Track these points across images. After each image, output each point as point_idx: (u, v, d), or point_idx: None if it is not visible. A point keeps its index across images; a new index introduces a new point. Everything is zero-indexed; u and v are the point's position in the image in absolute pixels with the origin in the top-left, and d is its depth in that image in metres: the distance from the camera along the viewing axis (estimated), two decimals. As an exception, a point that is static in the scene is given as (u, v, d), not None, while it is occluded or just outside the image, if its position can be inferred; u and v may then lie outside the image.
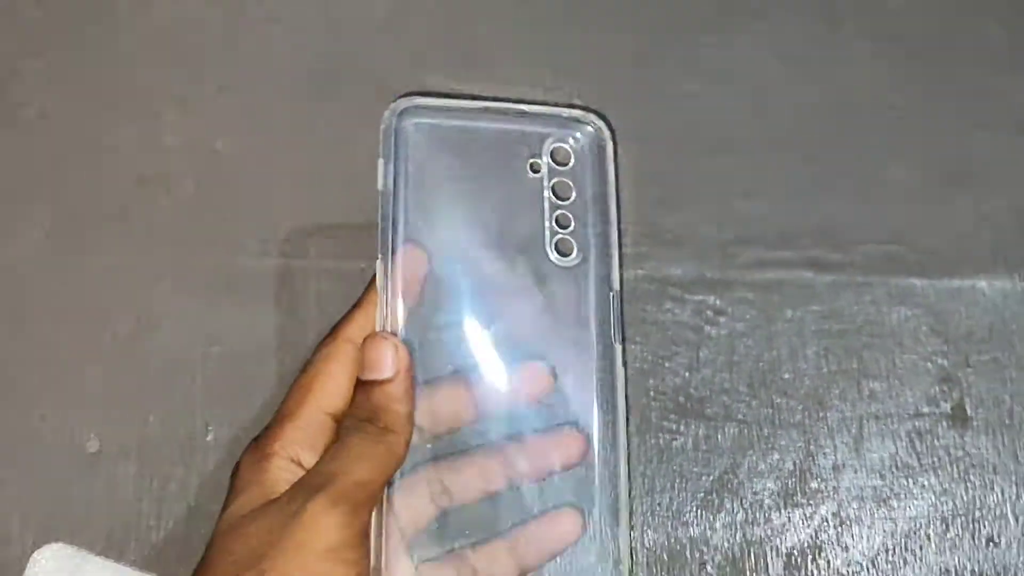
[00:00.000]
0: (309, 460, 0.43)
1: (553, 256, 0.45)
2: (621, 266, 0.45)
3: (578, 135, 0.46)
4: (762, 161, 0.52)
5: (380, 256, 0.44)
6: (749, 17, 0.53)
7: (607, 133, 0.46)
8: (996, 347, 0.50)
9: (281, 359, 0.49)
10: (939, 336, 0.51)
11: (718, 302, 0.51)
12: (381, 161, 0.45)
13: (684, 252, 0.51)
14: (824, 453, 0.50)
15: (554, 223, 0.45)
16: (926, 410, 0.50)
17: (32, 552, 0.46)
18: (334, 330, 0.45)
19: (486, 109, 0.46)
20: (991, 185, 0.52)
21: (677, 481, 0.49)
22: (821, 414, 0.50)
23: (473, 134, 0.46)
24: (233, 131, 0.52)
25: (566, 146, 0.46)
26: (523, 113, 0.46)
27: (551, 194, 0.46)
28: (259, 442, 0.44)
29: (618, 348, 0.44)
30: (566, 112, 0.46)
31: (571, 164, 0.45)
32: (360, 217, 0.49)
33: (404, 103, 0.45)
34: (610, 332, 0.44)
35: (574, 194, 0.45)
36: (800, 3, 0.54)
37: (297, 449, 0.43)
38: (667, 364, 0.50)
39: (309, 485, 0.41)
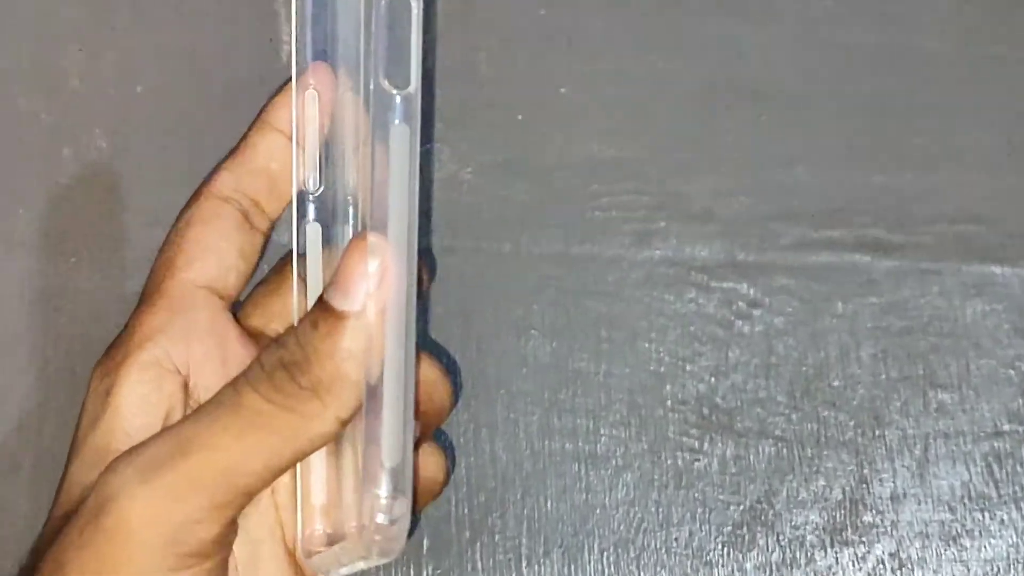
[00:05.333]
0: (180, 354, 0.36)
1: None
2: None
3: None
4: (809, 118, 0.49)
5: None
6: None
7: None
8: (1095, 351, 0.48)
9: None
10: (1024, 337, 0.49)
11: (752, 291, 0.48)
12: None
13: (711, 229, 0.48)
14: (881, 479, 0.47)
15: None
16: (1007, 428, 0.47)
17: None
18: (200, 188, 0.38)
19: None
20: (1093, 153, 0.50)
21: (699, 511, 0.47)
22: (878, 431, 0.47)
23: None
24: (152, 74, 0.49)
25: None
26: None
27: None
28: (111, 348, 0.36)
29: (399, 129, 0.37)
30: None
31: None
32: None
33: None
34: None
35: None
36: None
37: (164, 341, 0.35)
38: (688, 367, 0.47)
39: (148, 456, 0.33)
